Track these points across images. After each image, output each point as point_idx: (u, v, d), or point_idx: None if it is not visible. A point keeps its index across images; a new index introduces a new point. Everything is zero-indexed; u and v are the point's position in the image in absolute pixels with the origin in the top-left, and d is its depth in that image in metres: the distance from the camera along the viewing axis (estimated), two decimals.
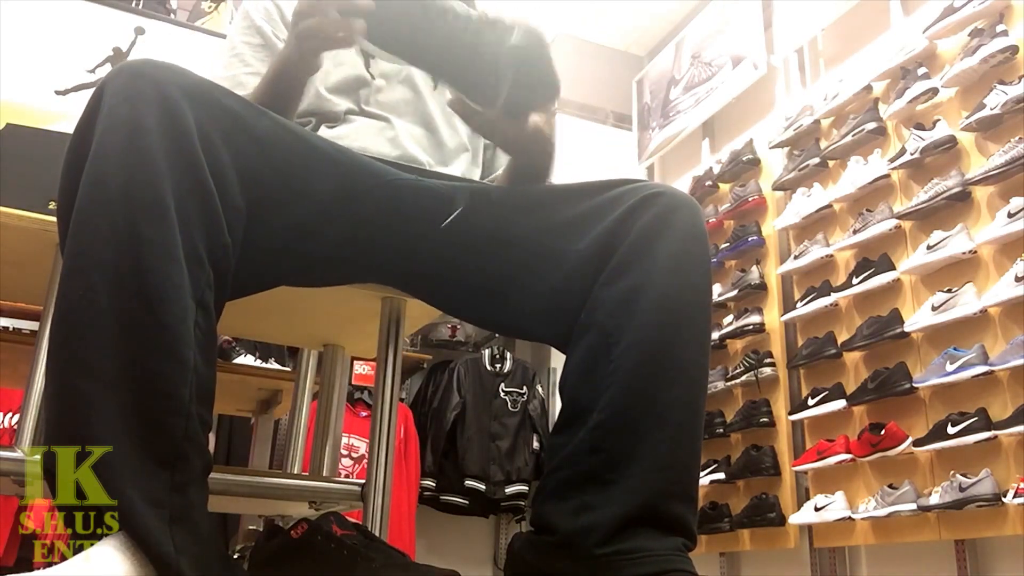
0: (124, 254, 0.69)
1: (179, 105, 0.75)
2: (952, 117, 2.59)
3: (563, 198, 0.97)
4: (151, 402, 0.69)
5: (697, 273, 0.88)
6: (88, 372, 0.67)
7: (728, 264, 3.49)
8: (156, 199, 0.71)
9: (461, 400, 3.82)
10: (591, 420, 0.84)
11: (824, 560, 2.89)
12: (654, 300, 0.85)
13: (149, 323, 0.69)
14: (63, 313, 0.70)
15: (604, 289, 0.88)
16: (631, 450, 0.82)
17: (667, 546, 0.80)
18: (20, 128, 1.11)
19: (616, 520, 0.79)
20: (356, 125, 1.15)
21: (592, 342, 0.87)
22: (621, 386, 0.83)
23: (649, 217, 0.89)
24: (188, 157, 0.74)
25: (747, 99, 3.66)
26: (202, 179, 0.75)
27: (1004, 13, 2.48)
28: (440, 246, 0.95)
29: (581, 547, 0.80)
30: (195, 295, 0.73)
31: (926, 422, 2.48)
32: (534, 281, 0.93)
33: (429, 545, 3.78)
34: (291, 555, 0.93)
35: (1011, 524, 2.21)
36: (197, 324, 0.73)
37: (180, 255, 0.71)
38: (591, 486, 0.82)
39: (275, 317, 1.34)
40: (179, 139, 0.74)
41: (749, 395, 3.23)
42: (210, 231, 0.75)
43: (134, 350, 0.68)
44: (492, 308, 0.99)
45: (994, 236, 2.34)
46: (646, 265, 0.86)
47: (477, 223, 0.95)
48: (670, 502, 0.82)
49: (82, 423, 0.67)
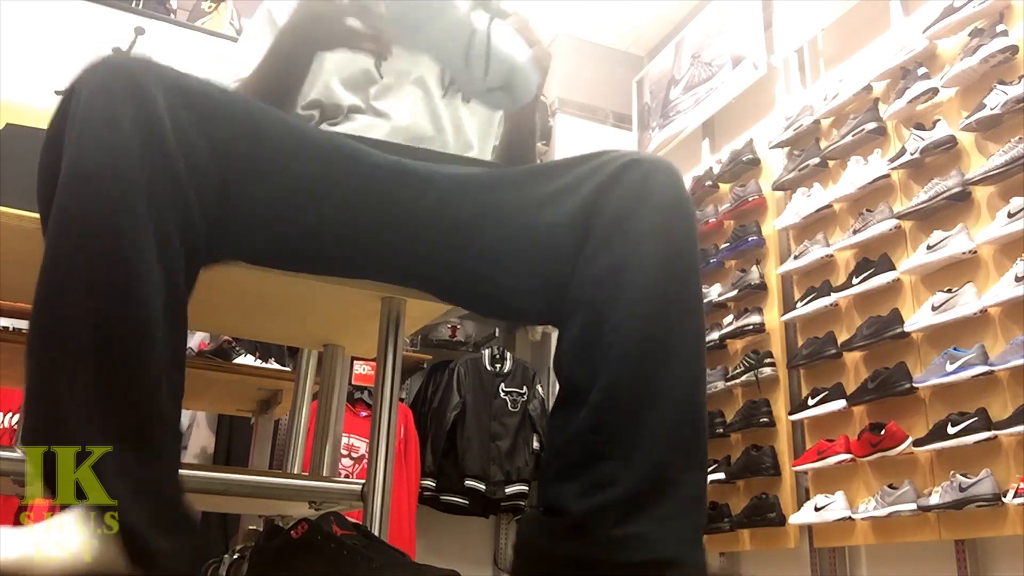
0: (100, 246, 0.74)
1: (153, 96, 0.78)
2: (952, 117, 2.59)
3: (542, 173, 0.98)
4: (121, 383, 0.73)
5: (682, 240, 0.87)
6: (65, 367, 0.72)
7: (728, 264, 3.49)
8: (129, 191, 0.75)
9: (461, 400, 3.82)
10: (590, 399, 0.83)
11: (824, 560, 2.89)
12: (641, 273, 0.84)
13: (118, 309, 0.74)
14: (42, 304, 0.75)
15: (589, 265, 0.87)
16: (634, 426, 0.81)
17: (679, 531, 0.79)
18: (20, 128, 1.11)
19: (628, 497, 0.79)
20: (358, 124, 1.15)
21: (583, 320, 0.86)
22: (617, 363, 0.82)
23: (627, 187, 0.88)
24: (161, 148, 0.78)
25: (747, 99, 3.66)
26: (175, 169, 0.79)
27: (1004, 13, 2.48)
28: (421, 227, 0.96)
29: (594, 529, 0.79)
30: (164, 270, 0.77)
31: (926, 422, 2.48)
32: (519, 259, 0.93)
33: (429, 545, 3.78)
34: (291, 555, 0.93)
35: (1011, 524, 2.21)
36: (166, 304, 0.77)
37: (150, 238, 0.76)
38: (598, 464, 0.81)
39: (275, 317, 1.34)
40: (152, 131, 0.78)
41: (749, 395, 3.23)
42: (182, 215, 0.80)
43: (106, 339, 0.73)
44: (482, 290, 0.99)
45: (994, 236, 2.34)
46: (629, 237, 0.86)
47: (457, 203, 0.96)
48: (681, 473, 0.81)
49: (60, 419, 0.71)
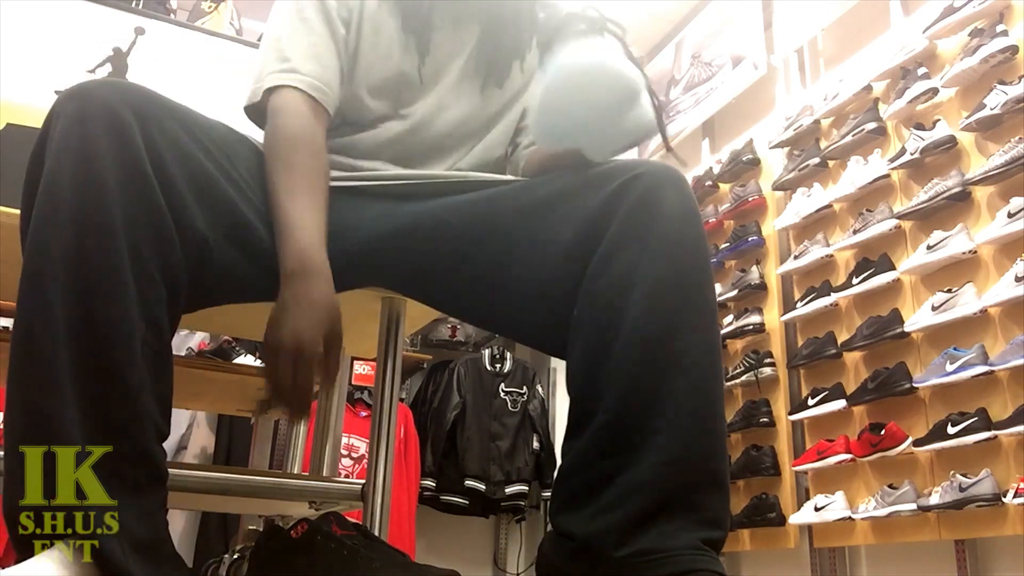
0: (74, 277, 0.72)
1: (129, 127, 0.76)
2: (952, 117, 2.59)
3: (538, 182, 0.96)
4: (101, 419, 0.72)
5: (692, 254, 0.84)
6: (48, 390, 0.71)
7: (728, 264, 3.49)
8: (105, 224, 0.73)
9: (461, 400, 3.82)
10: (595, 422, 0.81)
11: (824, 560, 2.88)
12: (648, 288, 0.81)
13: (95, 348, 0.72)
14: (22, 330, 0.73)
15: (594, 282, 0.84)
16: (640, 446, 0.79)
17: (687, 543, 0.76)
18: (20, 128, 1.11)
19: (632, 518, 0.77)
20: (380, 131, 1.07)
21: (589, 339, 0.84)
22: (623, 382, 0.80)
23: (633, 201, 0.85)
24: (138, 180, 0.76)
25: (747, 99, 3.66)
26: (154, 201, 0.77)
27: (1004, 13, 2.48)
28: (420, 243, 0.95)
29: (599, 551, 0.77)
30: (144, 314, 0.75)
31: (926, 422, 2.48)
32: (519, 273, 0.91)
33: (429, 545, 3.78)
34: (291, 555, 0.93)
35: (1011, 524, 2.21)
36: (146, 343, 0.75)
37: (128, 278, 0.74)
38: (603, 489, 0.79)
39: None
40: (129, 162, 0.76)
41: (749, 395, 3.23)
42: (162, 249, 0.77)
43: (83, 372, 0.71)
44: (483, 310, 0.98)
45: (994, 236, 2.34)
46: (635, 253, 0.82)
47: (450, 217, 0.95)
48: (690, 493, 0.78)
49: (43, 436, 0.70)
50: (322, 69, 1.00)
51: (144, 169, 0.76)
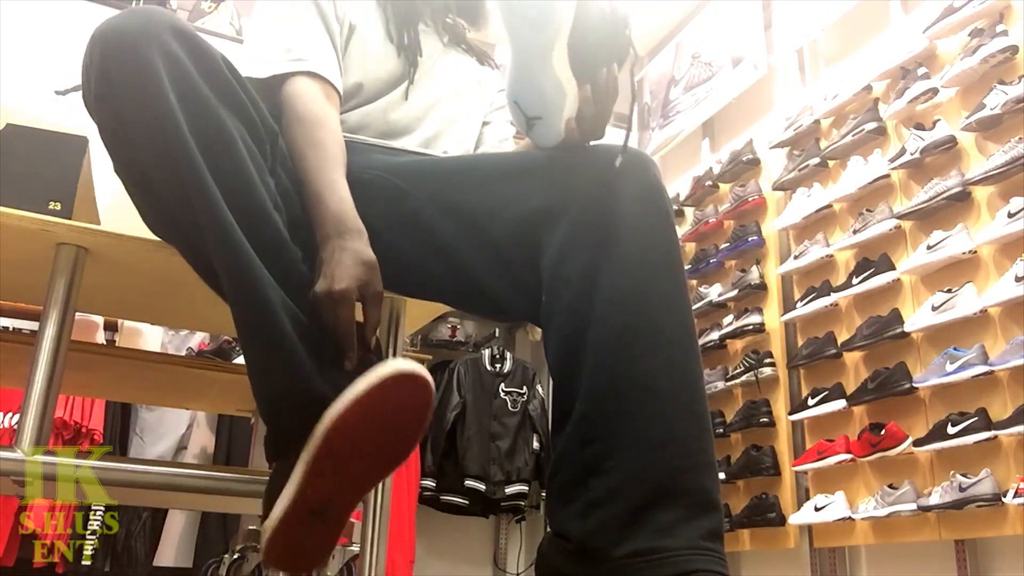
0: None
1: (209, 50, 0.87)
2: (952, 117, 2.59)
3: (501, 154, 1.02)
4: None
5: (658, 231, 0.84)
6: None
7: (728, 264, 3.49)
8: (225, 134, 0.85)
9: (461, 400, 3.82)
10: (576, 411, 0.80)
11: (824, 560, 2.89)
12: (617, 269, 0.81)
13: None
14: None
15: (563, 267, 0.84)
16: (623, 433, 0.77)
17: (686, 540, 0.75)
18: (20, 128, 1.11)
19: (626, 513, 0.75)
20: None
21: (563, 326, 0.83)
22: (598, 368, 0.79)
23: (595, 179, 0.86)
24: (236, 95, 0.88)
25: (747, 99, 3.66)
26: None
27: (1004, 13, 2.48)
28: (385, 229, 0.97)
29: (597, 551, 0.76)
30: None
31: (926, 422, 2.48)
32: (485, 249, 0.92)
33: (429, 545, 3.78)
34: None
35: (1011, 524, 2.21)
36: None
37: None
38: (592, 480, 0.78)
39: None
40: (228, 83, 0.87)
41: (749, 395, 3.23)
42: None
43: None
44: (455, 286, 0.98)
45: (994, 236, 2.34)
46: (602, 234, 0.83)
47: (414, 197, 0.97)
48: (682, 476, 0.77)
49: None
50: (325, 55, 1.08)
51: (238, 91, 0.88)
